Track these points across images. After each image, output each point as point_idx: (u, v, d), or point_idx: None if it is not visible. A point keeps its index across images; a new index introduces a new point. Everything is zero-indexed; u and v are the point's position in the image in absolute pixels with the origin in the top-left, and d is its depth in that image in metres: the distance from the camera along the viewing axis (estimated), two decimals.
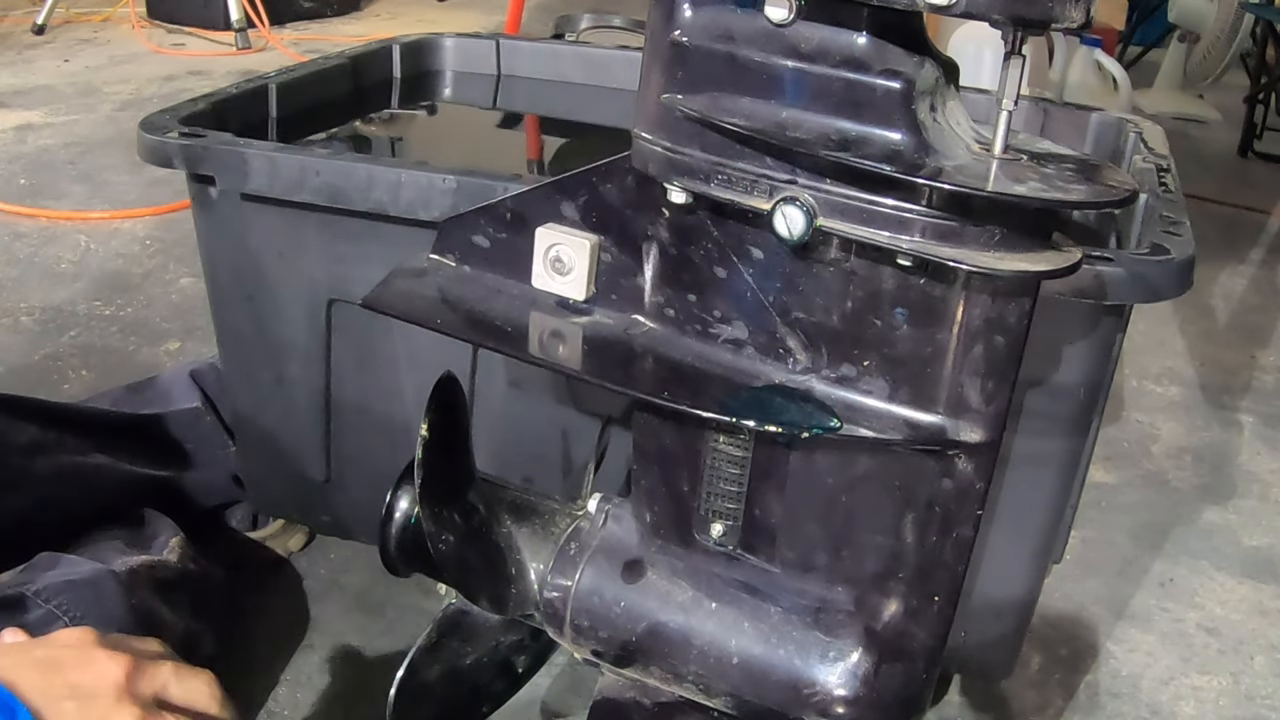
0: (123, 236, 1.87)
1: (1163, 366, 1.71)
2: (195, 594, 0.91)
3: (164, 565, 0.90)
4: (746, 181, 0.53)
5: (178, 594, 0.88)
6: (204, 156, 0.85)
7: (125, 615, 0.80)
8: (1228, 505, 1.35)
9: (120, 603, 0.81)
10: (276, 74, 1.06)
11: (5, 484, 0.93)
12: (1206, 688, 1.04)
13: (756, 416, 0.56)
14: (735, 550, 0.64)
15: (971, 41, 2.07)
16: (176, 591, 0.88)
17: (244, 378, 0.98)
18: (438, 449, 0.65)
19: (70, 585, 0.79)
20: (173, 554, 0.92)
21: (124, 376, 1.39)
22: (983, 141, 0.52)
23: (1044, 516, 0.82)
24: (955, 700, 0.99)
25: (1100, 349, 0.76)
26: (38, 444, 0.96)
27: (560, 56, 1.31)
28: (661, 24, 0.54)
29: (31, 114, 2.52)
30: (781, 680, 0.63)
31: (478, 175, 0.79)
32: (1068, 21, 0.46)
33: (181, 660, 0.63)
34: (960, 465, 0.56)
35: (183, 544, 0.94)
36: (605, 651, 0.67)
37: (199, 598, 0.92)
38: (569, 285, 0.63)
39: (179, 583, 0.89)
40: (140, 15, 3.48)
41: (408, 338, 0.90)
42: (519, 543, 0.69)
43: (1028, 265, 0.50)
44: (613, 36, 1.62)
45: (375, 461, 0.95)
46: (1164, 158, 0.96)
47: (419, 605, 1.05)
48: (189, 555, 0.94)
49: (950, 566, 0.59)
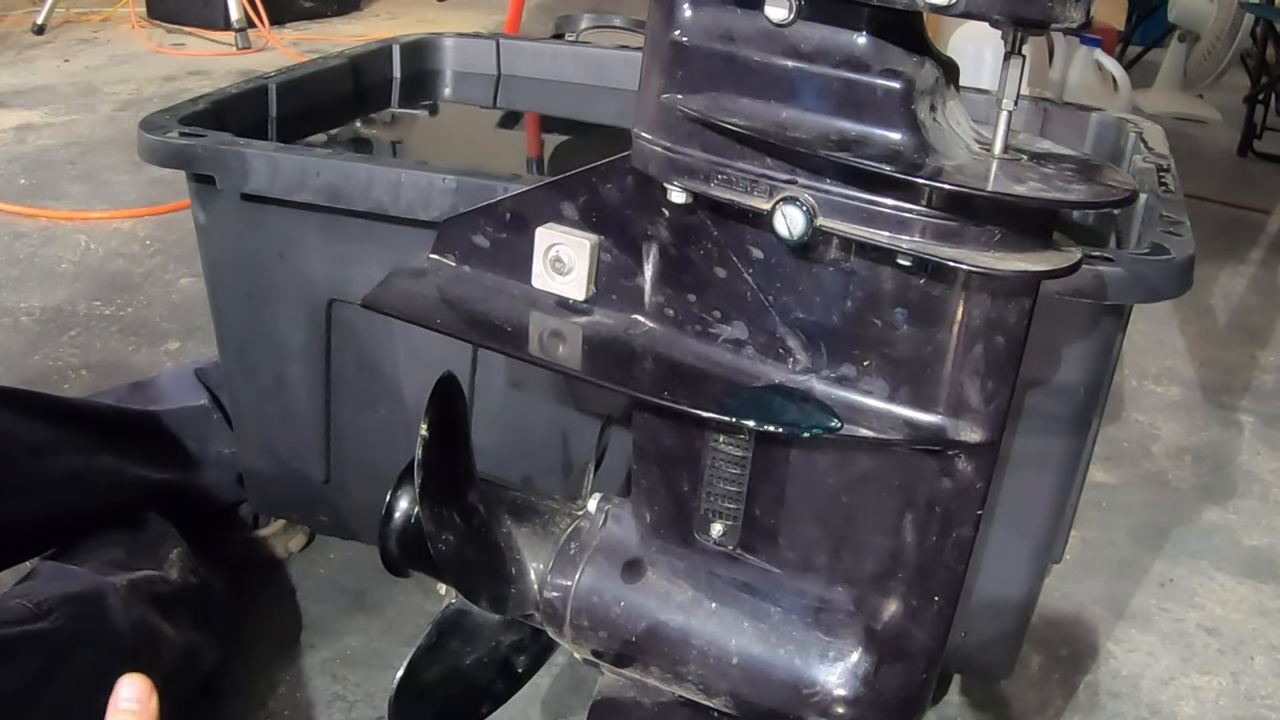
0: (123, 236, 1.87)
1: (1163, 366, 1.71)
2: (195, 606, 0.91)
3: (163, 580, 0.89)
4: (746, 181, 0.53)
5: (178, 608, 0.88)
6: (204, 156, 0.85)
7: (125, 630, 0.80)
8: (1228, 505, 1.35)
9: (121, 618, 0.80)
10: (276, 74, 1.06)
11: (12, 488, 0.93)
12: (1206, 688, 1.04)
13: (756, 416, 0.56)
14: (735, 550, 0.64)
15: (971, 41, 2.07)
16: (177, 605, 0.88)
17: (244, 378, 0.98)
18: (438, 449, 0.65)
19: (71, 599, 0.79)
20: (173, 568, 0.92)
21: (124, 376, 1.39)
22: (983, 141, 0.52)
23: (1044, 516, 0.82)
24: (955, 700, 0.99)
25: (1100, 349, 0.76)
26: (46, 444, 0.96)
27: (560, 56, 1.31)
28: (661, 24, 0.54)
29: (31, 114, 2.52)
30: (781, 680, 0.63)
31: (478, 175, 0.79)
32: (1068, 21, 0.46)
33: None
34: (960, 465, 0.56)
35: (183, 556, 0.94)
36: (605, 651, 0.67)
37: (199, 610, 0.92)
38: (569, 285, 0.63)
39: (178, 597, 0.89)
40: (140, 15, 3.48)
41: (408, 338, 0.90)
42: (519, 543, 0.69)
43: (1028, 265, 0.50)
44: (613, 36, 1.62)
45: (375, 461, 0.95)
46: (1164, 158, 0.96)
47: (419, 605, 1.05)
48: (189, 567, 0.94)
49: (950, 566, 0.59)
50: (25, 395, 0.99)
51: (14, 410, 0.96)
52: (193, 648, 0.88)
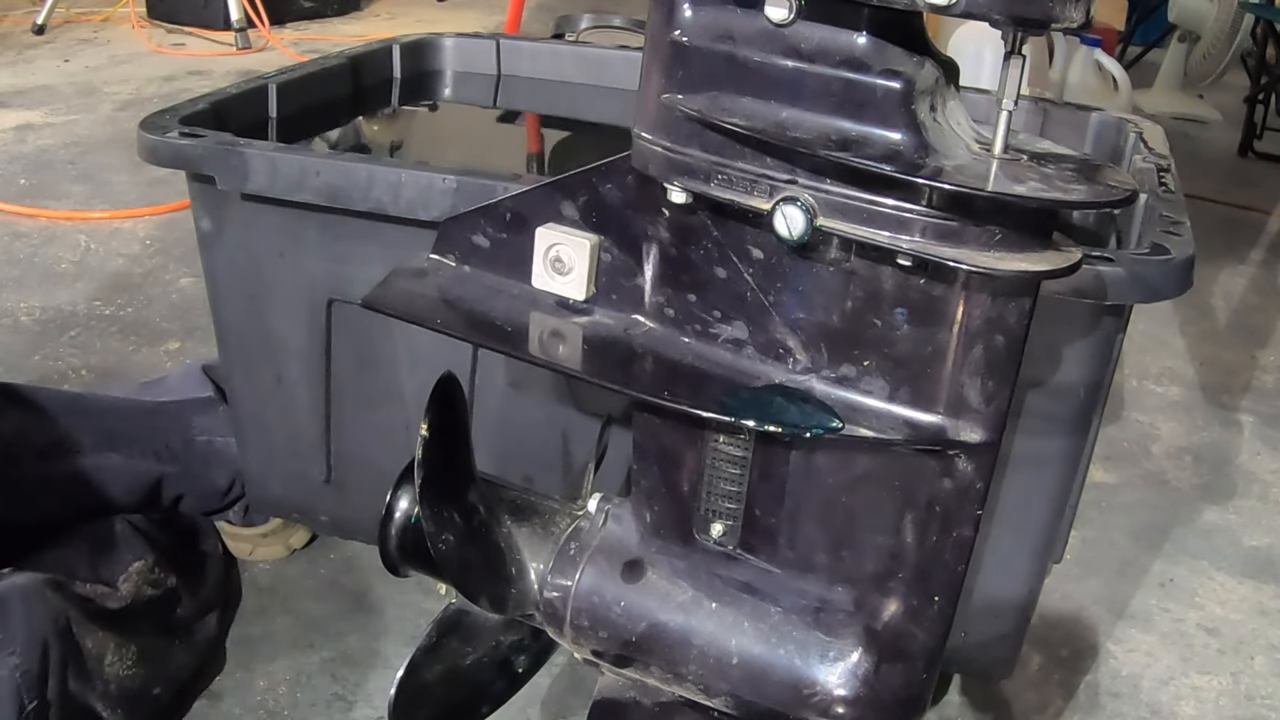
0: (123, 236, 1.87)
1: (1163, 366, 1.71)
2: (156, 617, 0.91)
3: (113, 595, 0.89)
4: (746, 181, 0.53)
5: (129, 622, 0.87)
6: (204, 156, 0.85)
7: (46, 635, 0.79)
8: (1228, 505, 1.35)
9: (41, 627, 0.79)
10: (276, 74, 1.06)
11: (21, 492, 0.93)
12: (1206, 688, 1.04)
13: (756, 416, 0.56)
14: (735, 550, 0.64)
15: (971, 41, 2.07)
16: (126, 619, 0.87)
17: (244, 378, 0.98)
18: (438, 449, 0.65)
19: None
20: (128, 581, 0.91)
21: (124, 376, 1.39)
22: (983, 141, 0.52)
23: (1044, 516, 0.82)
24: (955, 700, 0.99)
25: (1100, 349, 0.76)
26: (54, 447, 0.96)
27: (560, 56, 1.31)
28: (661, 24, 0.54)
29: (31, 114, 2.52)
30: (781, 680, 0.63)
31: (478, 175, 0.79)
32: (1068, 21, 0.46)
33: None
34: (960, 465, 0.56)
35: (144, 569, 0.93)
36: (605, 651, 0.67)
37: (161, 620, 0.91)
38: (569, 285, 0.63)
39: (128, 612, 0.88)
40: (140, 15, 3.48)
41: (408, 338, 0.90)
42: (519, 543, 0.69)
43: (1028, 265, 0.50)
44: (613, 36, 1.62)
45: (375, 461, 0.95)
46: (1164, 158, 0.96)
47: (419, 605, 1.05)
48: (149, 580, 0.93)
49: (950, 566, 0.59)
50: (36, 392, 0.99)
51: (25, 409, 0.96)
52: (153, 655, 0.88)
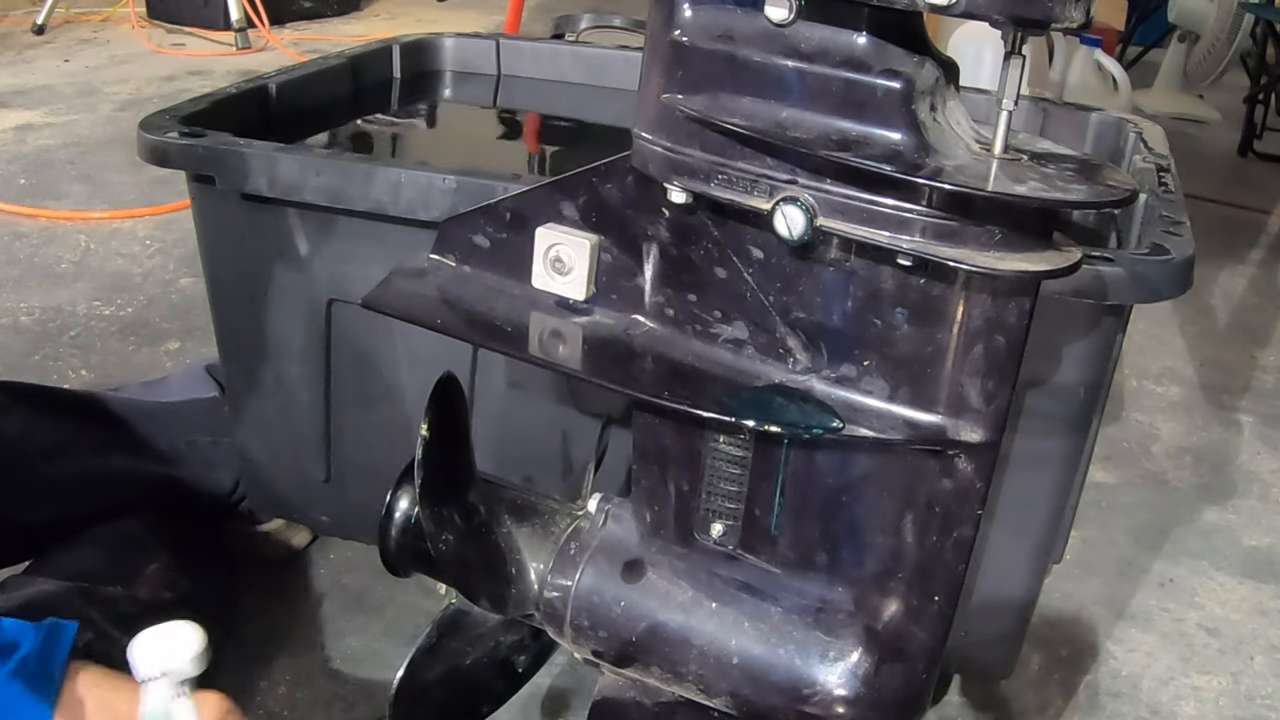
0: (123, 236, 1.87)
1: (1163, 366, 1.71)
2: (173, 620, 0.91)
3: (130, 599, 0.88)
4: (746, 181, 0.53)
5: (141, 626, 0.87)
6: (204, 156, 0.85)
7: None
8: (1228, 505, 1.35)
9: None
10: (276, 74, 1.06)
11: (26, 493, 0.92)
12: (1206, 688, 1.04)
13: (756, 416, 0.56)
14: (735, 550, 0.64)
15: (971, 41, 2.07)
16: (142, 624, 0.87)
17: (244, 378, 0.98)
18: (438, 449, 0.65)
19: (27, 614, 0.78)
20: (145, 584, 0.90)
21: (124, 376, 1.39)
22: (983, 141, 0.52)
23: (1044, 516, 0.82)
24: (955, 700, 0.99)
25: (1100, 349, 0.76)
26: (59, 446, 0.96)
27: (560, 56, 1.31)
28: (661, 24, 0.54)
29: (31, 114, 2.52)
30: (781, 680, 0.63)
31: (478, 175, 0.79)
32: (1068, 21, 0.46)
33: None
34: (960, 465, 0.56)
35: (161, 571, 0.92)
36: (605, 651, 0.67)
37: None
38: (569, 285, 0.63)
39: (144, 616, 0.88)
40: (140, 15, 3.48)
41: (408, 338, 0.90)
42: (519, 543, 0.69)
43: (1028, 265, 0.50)
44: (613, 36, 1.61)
45: (375, 461, 0.95)
46: (1164, 158, 0.96)
47: (419, 605, 1.05)
48: (167, 582, 0.92)
49: (950, 566, 0.59)
50: (41, 391, 0.99)
51: (31, 408, 0.96)
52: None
